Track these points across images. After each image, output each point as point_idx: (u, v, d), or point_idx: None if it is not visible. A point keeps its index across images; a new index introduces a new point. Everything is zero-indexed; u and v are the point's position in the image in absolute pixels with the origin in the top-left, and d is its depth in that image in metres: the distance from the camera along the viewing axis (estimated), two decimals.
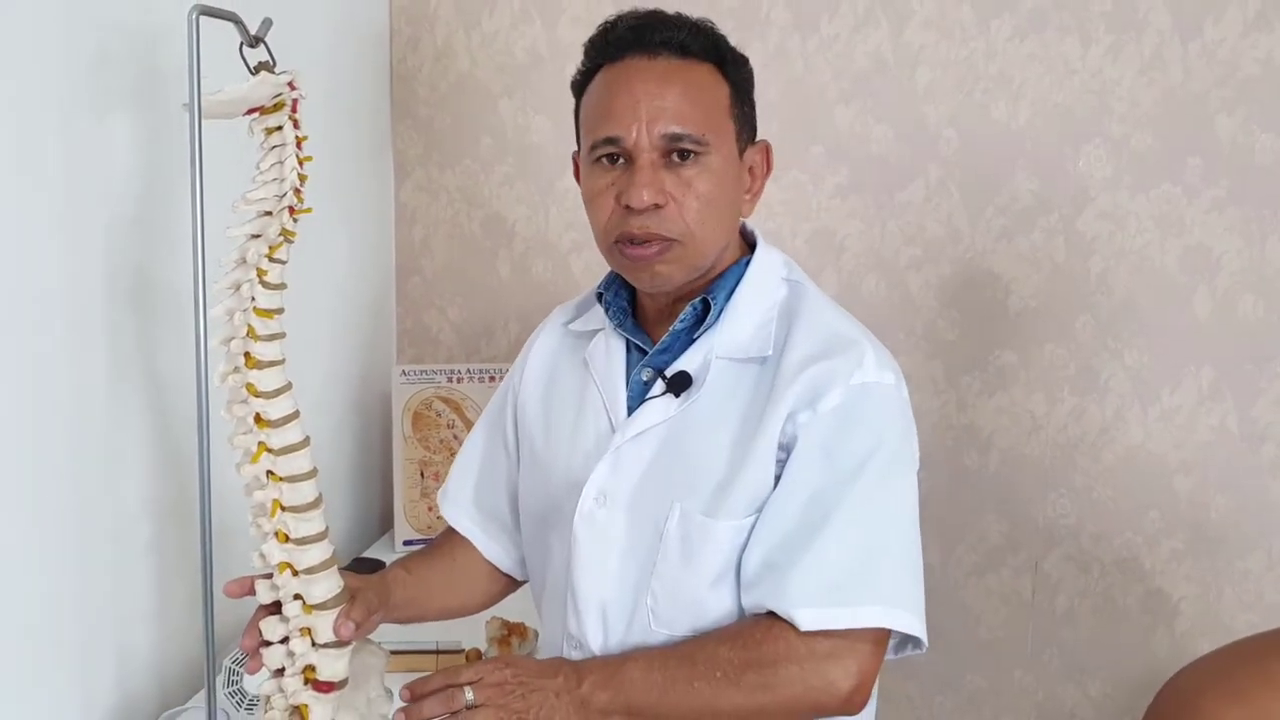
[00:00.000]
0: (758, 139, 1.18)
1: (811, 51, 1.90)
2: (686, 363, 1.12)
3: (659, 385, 1.13)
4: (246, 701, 1.39)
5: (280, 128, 1.07)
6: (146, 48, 1.31)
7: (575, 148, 1.21)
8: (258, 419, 1.06)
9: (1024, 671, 1.97)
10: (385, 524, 2.08)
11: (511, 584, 1.35)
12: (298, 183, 1.05)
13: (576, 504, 1.14)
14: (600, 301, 1.22)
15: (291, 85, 1.04)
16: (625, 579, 1.12)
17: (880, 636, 1.06)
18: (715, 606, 1.09)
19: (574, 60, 1.97)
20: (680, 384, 1.11)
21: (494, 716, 0.97)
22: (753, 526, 1.07)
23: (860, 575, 1.04)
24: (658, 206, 1.08)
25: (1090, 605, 1.94)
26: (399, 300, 2.15)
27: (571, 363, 1.24)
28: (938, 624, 1.92)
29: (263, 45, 1.02)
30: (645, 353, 1.17)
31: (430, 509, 1.98)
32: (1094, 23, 1.79)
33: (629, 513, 1.12)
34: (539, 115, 2.02)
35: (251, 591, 1.09)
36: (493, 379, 2.00)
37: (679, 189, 1.08)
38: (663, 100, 1.07)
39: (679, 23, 1.11)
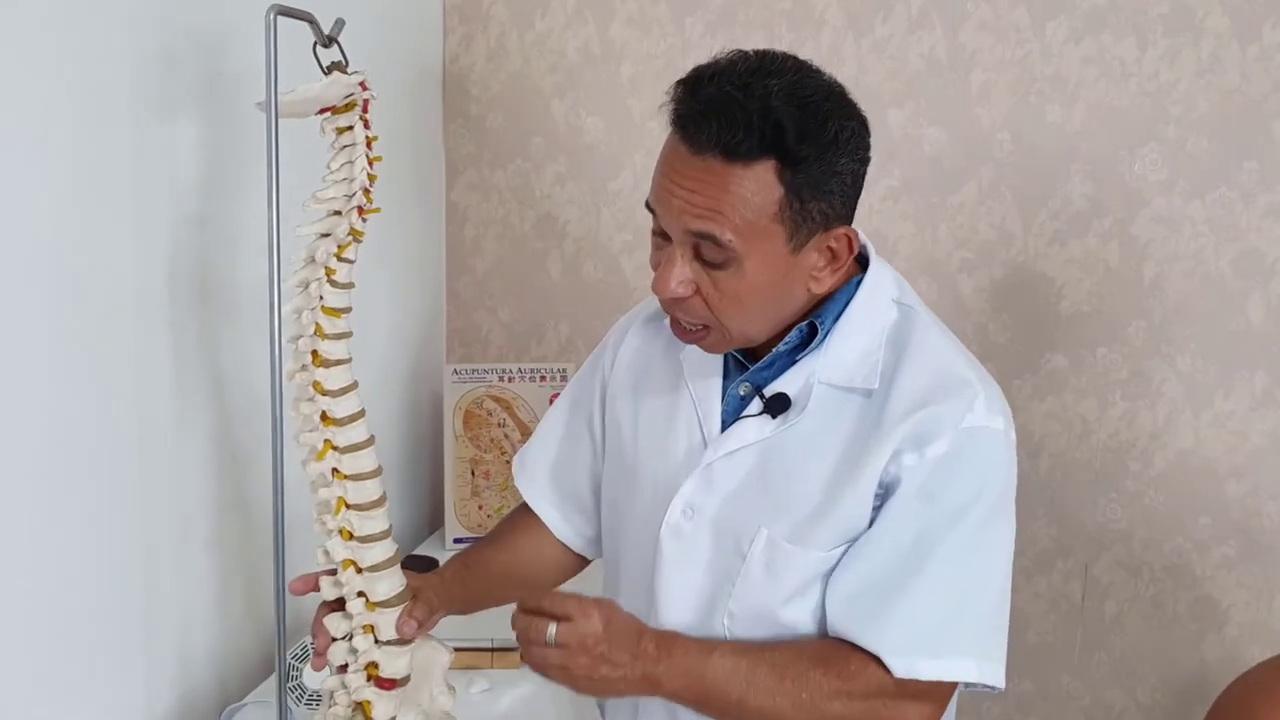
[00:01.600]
0: (841, 222, 1.06)
1: (865, 53, 1.90)
2: (786, 384, 1.10)
3: (756, 404, 1.11)
4: (307, 697, 1.41)
5: (351, 128, 1.09)
6: (213, 48, 1.34)
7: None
8: (324, 417, 1.08)
9: (1072, 676, 1.97)
10: (436, 522, 2.11)
11: (580, 564, 1.35)
12: (367, 183, 1.06)
13: (664, 513, 1.13)
14: None
15: (363, 85, 1.06)
16: (704, 593, 1.12)
17: (956, 684, 1.07)
18: (789, 626, 1.09)
19: (627, 60, 2.01)
20: (778, 405, 1.09)
21: (559, 674, 0.99)
22: (840, 558, 1.07)
23: (953, 626, 1.04)
24: (681, 298, 1.05)
25: (1139, 611, 1.93)
26: (449, 300, 2.18)
27: (665, 361, 1.22)
28: None
29: (336, 45, 1.04)
30: (743, 365, 1.15)
31: (480, 508, 2.00)
32: (1151, 25, 1.79)
33: (714, 529, 1.12)
34: (591, 116, 2.03)
35: (316, 588, 1.11)
36: (543, 379, 2.02)
37: (706, 283, 1.04)
38: (693, 198, 1.01)
39: (734, 116, 0.98)
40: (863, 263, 1.14)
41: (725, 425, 1.13)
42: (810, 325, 1.10)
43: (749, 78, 0.99)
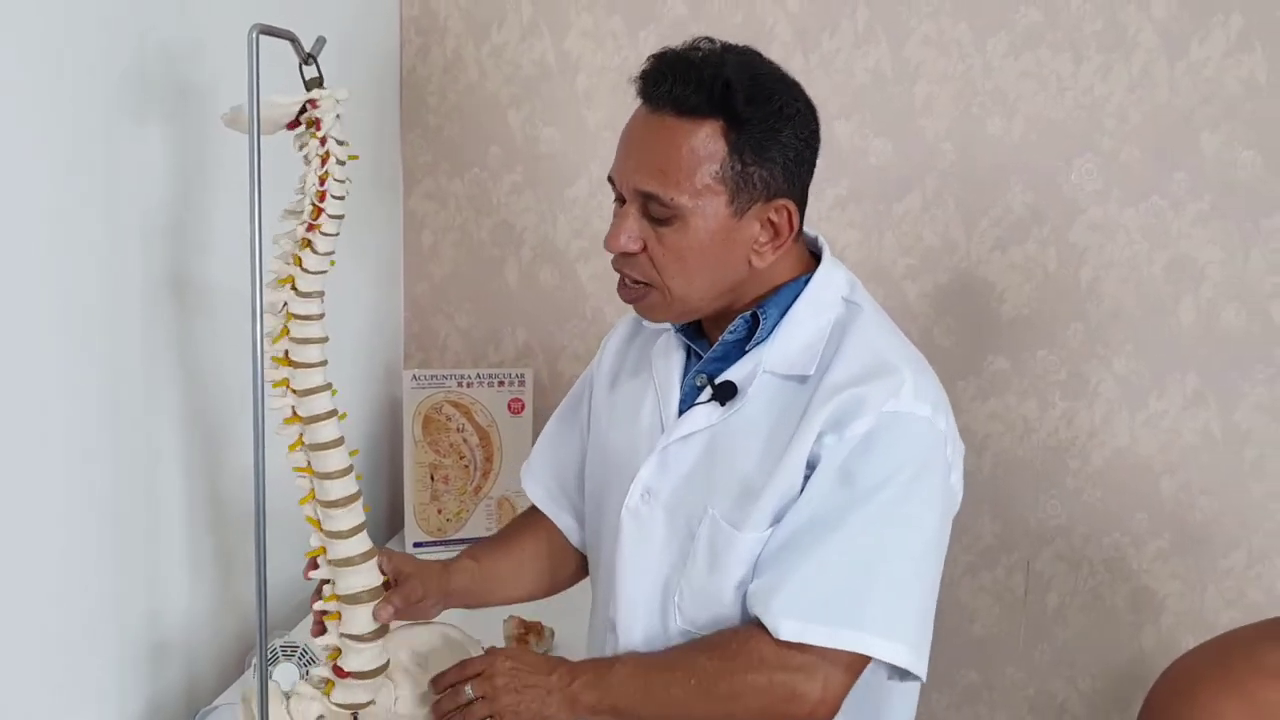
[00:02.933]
0: (784, 195, 1.12)
1: (813, 66, 1.96)
2: (735, 373, 1.16)
3: (707, 392, 1.17)
4: (294, 691, 1.43)
5: (305, 145, 1.10)
6: (186, 61, 1.36)
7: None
8: (294, 414, 1.09)
9: (1016, 667, 2.04)
10: (395, 526, 2.13)
11: (583, 570, 1.38)
12: (316, 199, 1.07)
13: (625, 496, 1.19)
14: None
15: (313, 103, 1.07)
16: (659, 575, 1.18)
17: (854, 661, 1.08)
18: (732, 608, 1.13)
19: (582, 72, 2.05)
20: (725, 393, 1.15)
21: (487, 709, 1.06)
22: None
23: (849, 598, 1.06)
24: (629, 254, 1.12)
25: (1080, 603, 2.00)
26: (408, 306, 2.20)
27: (640, 357, 1.29)
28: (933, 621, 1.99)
29: (314, 63, 1.06)
30: (702, 358, 1.21)
31: (440, 512, 2.03)
32: (1085, 42, 1.86)
33: (668, 512, 1.17)
34: (547, 126, 2.07)
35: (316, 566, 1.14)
36: (501, 384, 2.05)
37: (654, 240, 1.10)
38: (645, 156, 1.09)
39: (689, 75, 1.07)
40: (817, 258, 1.20)
41: (681, 412, 1.19)
42: (754, 315, 1.16)
43: (709, 50, 1.10)
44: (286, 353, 1.08)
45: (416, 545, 2.00)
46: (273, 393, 1.09)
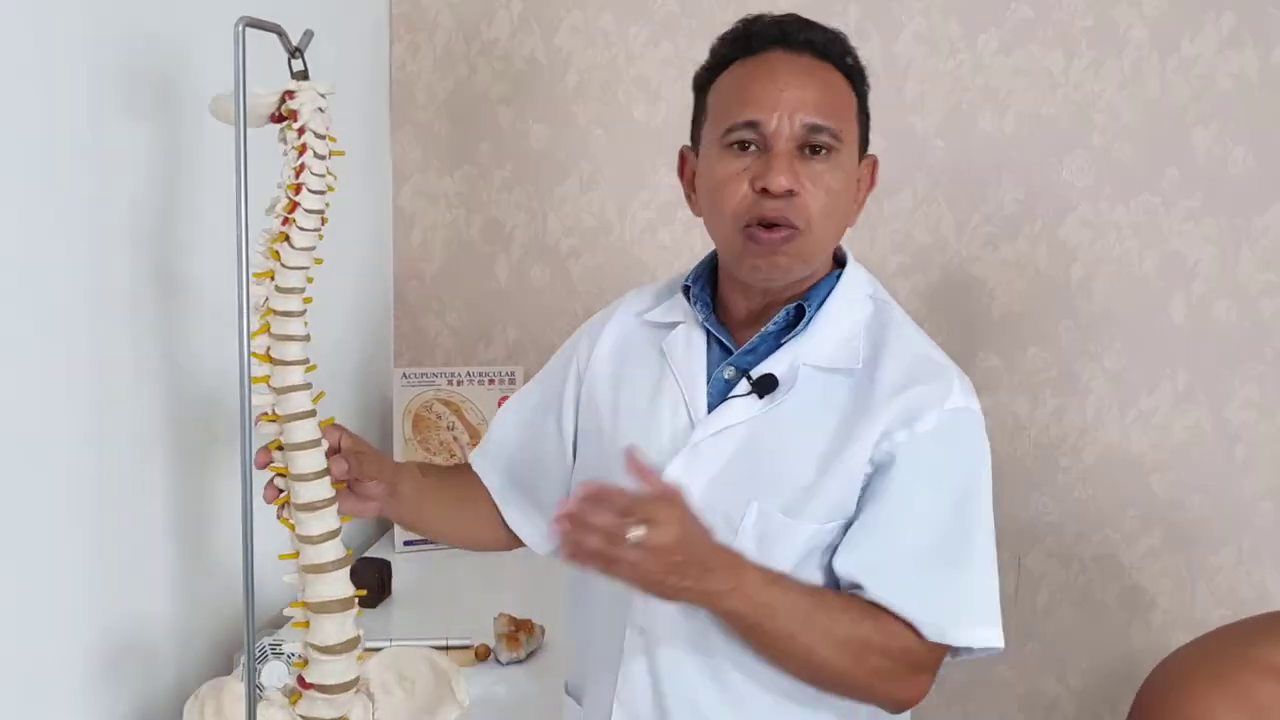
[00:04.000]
0: (868, 153, 1.21)
1: None
2: (773, 365, 1.15)
3: (743, 385, 1.15)
4: (263, 695, 1.42)
5: (284, 139, 1.09)
6: (173, 55, 1.35)
7: (687, 143, 1.23)
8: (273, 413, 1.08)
9: (1006, 666, 2.04)
10: (385, 524, 2.12)
11: (517, 542, 1.37)
12: (291, 192, 1.05)
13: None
14: (687, 295, 1.24)
15: (290, 95, 1.06)
16: None
17: (945, 653, 1.12)
18: None
19: (573, 69, 2.04)
20: (766, 386, 1.14)
21: (628, 570, 0.99)
22: (834, 531, 1.12)
23: (976, 595, 1.12)
24: (792, 193, 1.11)
25: (1070, 600, 2.00)
26: (397, 304, 2.19)
27: (646, 352, 1.26)
28: None
29: (301, 57, 1.05)
30: (727, 350, 1.20)
31: None
32: (1076, 38, 1.86)
33: (701, 506, 1.11)
34: (538, 123, 2.06)
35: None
36: (492, 382, 2.04)
37: (810, 180, 1.11)
38: (805, 92, 1.11)
39: (819, 27, 1.15)
40: (839, 261, 1.23)
41: (711, 407, 1.18)
42: (798, 308, 1.16)
43: (795, 14, 1.16)
44: (268, 349, 1.06)
45: (407, 544, 1.99)
46: (254, 389, 1.08)
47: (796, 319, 1.17)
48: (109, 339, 1.29)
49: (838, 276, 1.19)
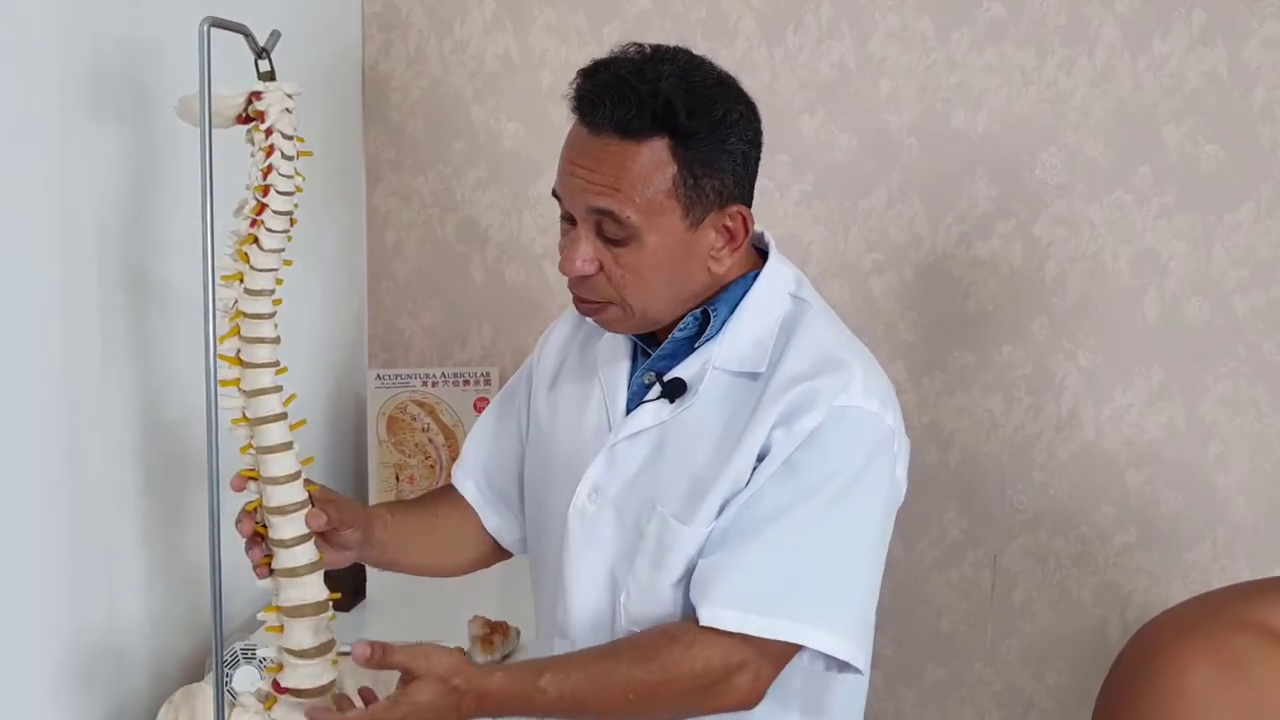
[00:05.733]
0: (737, 200, 1.11)
1: (778, 62, 1.95)
2: (684, 370, 1.15)
3: (656, 389, 1.15)
4: (237, 700, 1.41)
5: (252, 140, 1.08)
6: (141, 56, 1.34)
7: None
8: (243, 416, 1.07)
9: (984, 663, 2.04)
10: None
11: (498, 554, 1.37)
12: (260, 193, 1.04)
13: (571, 496, 1.17)
14: None
15: (257, 96, 1.05)
16: (607, 573, 1.16)
17: (784, 651, 1.07)
18: (679, 604, 1.11)
19: (546, 68, 2.03)
20: (675, 390, 1.14)
21: None
22: None
23: (787, 588, 1.06)
24: (585, 277, 1.09)
25: (1047, 598, 2.01)
26: (371, 305, 2.17)
27: (583, 355, 1.27)
28: (900, 617, 2.00)
29: (268, 57, 1.04)
30: (649, 354, 1.19)
31: None
32: (1049, 36, 1.86)
33: (617, 511, 1.15)
34: (512, 122, 2.05)
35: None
36: (467, 383, 2.03)
37: (609, 260, 1.08)
38: (593, 176, 1.06)
39: (627, 96, 1.05)
40: (764, 255, 1.19)
41: (629, 410, 1.18)
42: (704, 312, 1.15)
43: (642, 64, 1.07)
44: (238, 352, 1.05)
45: None
46: (224, 393, 1.07)
47: (705, 322, 1.15)
48: (79, 342, 1.28)
49: (756, 275, 1.16)
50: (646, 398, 1.16)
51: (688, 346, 1.16)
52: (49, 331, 1.23)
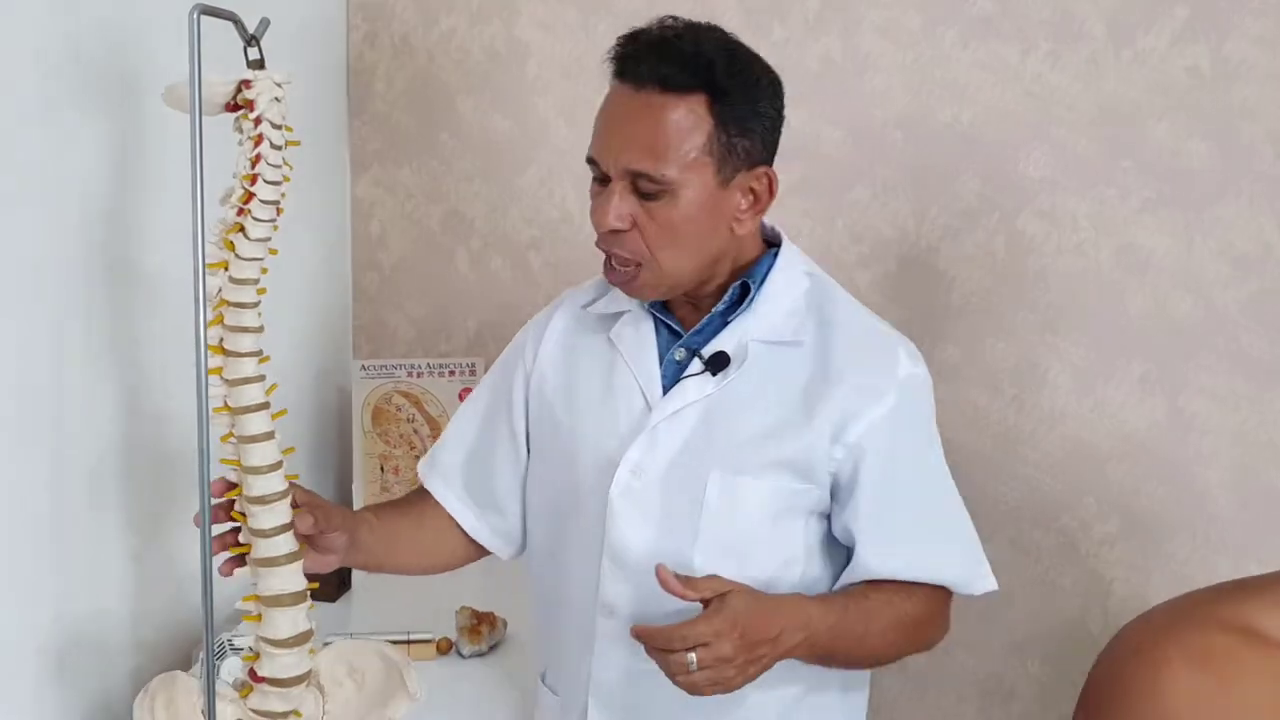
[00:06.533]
0: (763, 163, 1.19)
1: (765, 55, 1.94)
2: (723, 343, 1.20)
3: (696, 364, 1.20)
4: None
5: (240, 129, 1.08)
6: (126, 44, 1.33)
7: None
8: (225, 405, 1.07)
9: (967, 653, 2.05)
10: None
11: (481, 552, 1.39)
12: (247, 182, 1.04)
13: (611, 479, 1.20)
14: None
15: (247, 84, 1.04)
16: (665, 547, 1.19)
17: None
18: (753, 556, 1.19)
19: (533, 60, 2.03)
20: (719, 363, 1.19)
21: (714, 689, 1.05)
22: (806, 495, 1.20)
23: (971, 544, 1.27)
24: (618, 231, 1.14)
25: (1029, 587, 2.02)
26: (356, 296, 2.17)
27: (594, 344, 1.29)
28: None
29: (257, 45, 1.04)
30: (673, 334, 1.24)
31: None
32: (1035, 31, 1.87)
33: (663, 485, 1.19)
34: (498, 113, 2.05)
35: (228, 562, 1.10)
36: (452, 374, 2.03)
37: (643, 216, 1.14)
38: (632, 135, 1.12)
39: (670, 53, 1.12)
40: (772, 240, 1.27)
41: (665, 390, 1.21)
42: (743, 285, 1.20)
43: (682, 30, 1.16)
44: (221, 340, 1.05)
45: None
46: (209, 381, 1.07)
47: (740, 297, 1.20)
48: (64, 330, 1.27)
49: (774, 255, 1.23)
50: (686, 373, 1.20)
51: (719, 323, 1.21)
52: (35, 320, 1.22)
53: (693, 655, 1.03)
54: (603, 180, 1.15)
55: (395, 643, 1.50)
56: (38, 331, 1.23)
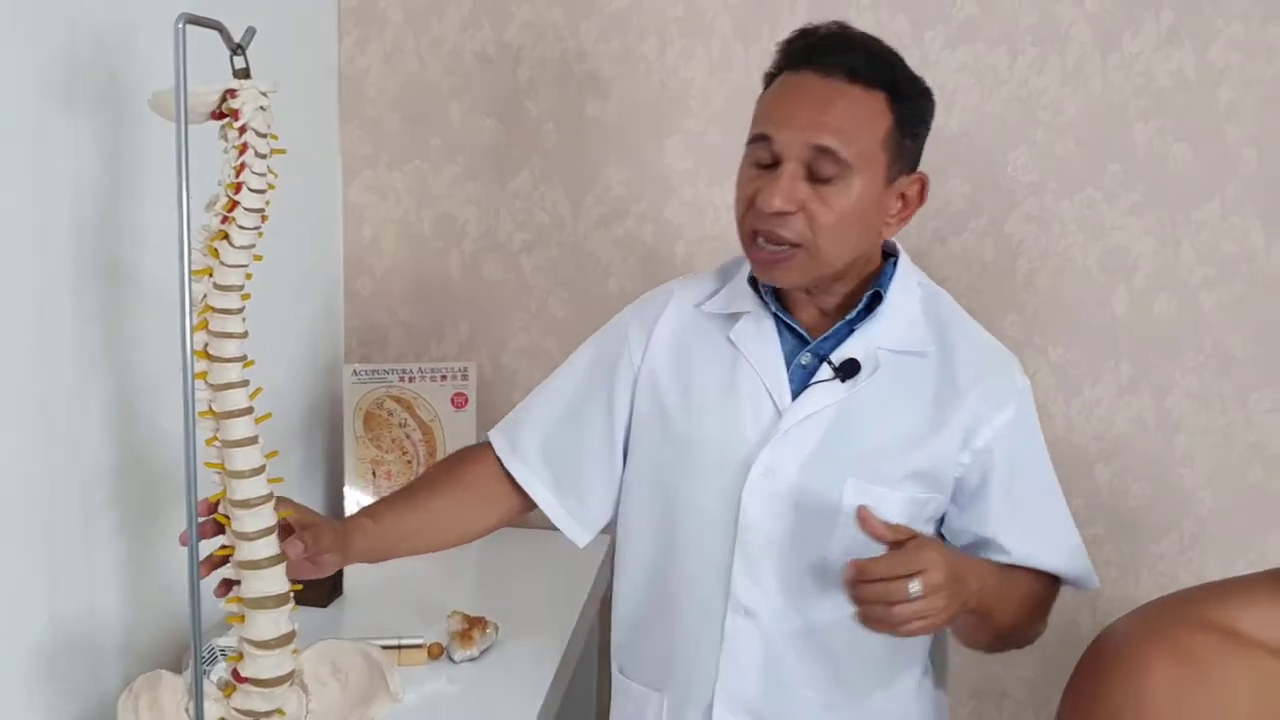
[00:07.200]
0: (916, 170, 1.23)
1: (753, 59, 1.96)
2: (852, 350, 1.22)
3: (825, 370, 1.22)
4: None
5: (225, 136, 1.08)
6: (117, 50, 1.33)
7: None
8: (210, 410, 1.08)
9: (960, 656, 2.05)
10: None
11: (508, 520, 1.38)
12: (232, 191, 1.04)
13: (740, 482, 1.22)
14: (755, 287, 1.29)
15: (232, 93, 1.05)
16: (801, 551, 1.22)
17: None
18: None
19: (524, 64, 2.04)
20: (849, 370, 1.21)
21: (921, 624, 1.07)
22: (933, 504, 1.25)
23: (1081, 543, 1.34)
24: (785, 214, 1.15)
25: None
26: (348, 300, 2.17)
27: (709, 342, 1.30)
28: None
29: (243, 54, 1.05)
30: (796, 337, 1.26)
31: None
32: (1020, 35, 1.89)
33: (796, 489, 1.22)
34: (489, 118, 2.06)
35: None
36: (444, 378, 2.03)
37: (813, 200, 1.15)
38: (820, 115, 1.14)
39: (860, 46, 1.17)
40: (888, 251, 1.30)
41: (794, 394, 1.24)
42: (875, 294, 1.24)
43: (857, 31, 1.21)
44: (206, 346, 1.06)
45: None
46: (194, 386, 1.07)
47: (873, 302, 1.24)
48: (52, 333, 1.27)
49: (894, 264, 1.27)
50: (817, 378, 1.22)
51: (846, 330, 1.24)
52: (22, 323, 1.22)
53: (916, 583, 1.04)
54: (766, 163, 1.17)
55: (386, 648, 1.51)
56: (26, 334, 1.23)
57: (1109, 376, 1.95)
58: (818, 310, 1.27)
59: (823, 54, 1.16)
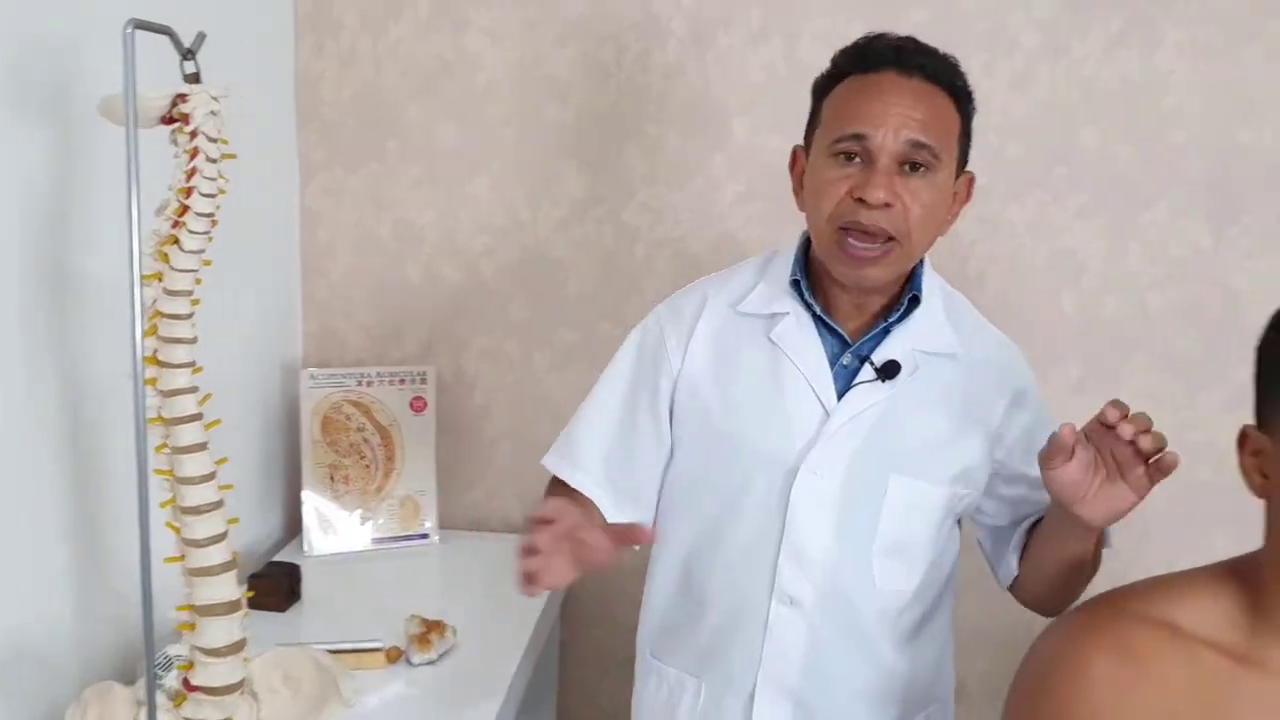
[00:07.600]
0: (966, 169, 1.30)
1: (709, 65, 1.98)
2: (891, 351, 1.28)
3: (867, 371, 1.27)
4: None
5: (175, 141, 1.08)
6: (67, 55, 1.32)
7: (800, 143, 1.34)
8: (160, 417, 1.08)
9: None
10: (294, 529, 2.10)
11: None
12: (182, 195, 1.05)
13: (789, 480, 1.27)
14: (798, 289, 1.32)
15: (182, 98, 1.05)
16: (846, 543, 1.27)
17: None
18: (925, 554, 1.31)
19: (481, 70, 2.04)
20: (890, 371, 1.26)
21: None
22: (968, 499, 1.32)
23: None
24: (888, 205, 1.19)
25: (975, 587, 2.05)
26: (305, 303, 2.17)
27: (749, 343, 1.33)
28: None
29: (193, 59, 1.05)
30: (836, 338, 1.30)
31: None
32: (970, 41, 1.91)
33: (843, 487, 1.26)
34: (447, 121, 2.06)
35: None
36: (403, 382, 2.03)
37: (907, 194, 1.20)
38: (912, 111, 1.19)
39: (931, 51, 1.24)
40: None
41: (839, 394, 1.28)
42: (914, 298, 1.29)
43: (913, 38, 1.26)
44: (155, 351, 1.06)
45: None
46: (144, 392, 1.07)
47: (911, 305, 1.29)
48: (1, 339, 1.26)
49: (921, 266, 1.32)
50: (860, 379, 1.27)
51: (884, 331, 1.29)
52: None
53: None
54: (849, 156, 1.21)
55: (344, 652, 1.51)
56: None
57: (1059, 377, 1.98)
58: (858, 312, 1.31)
59: (898, 55, 1.22)
